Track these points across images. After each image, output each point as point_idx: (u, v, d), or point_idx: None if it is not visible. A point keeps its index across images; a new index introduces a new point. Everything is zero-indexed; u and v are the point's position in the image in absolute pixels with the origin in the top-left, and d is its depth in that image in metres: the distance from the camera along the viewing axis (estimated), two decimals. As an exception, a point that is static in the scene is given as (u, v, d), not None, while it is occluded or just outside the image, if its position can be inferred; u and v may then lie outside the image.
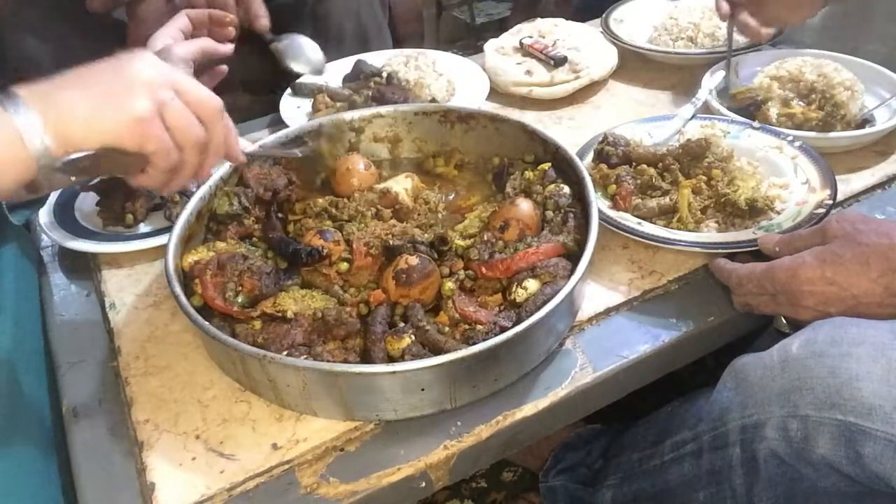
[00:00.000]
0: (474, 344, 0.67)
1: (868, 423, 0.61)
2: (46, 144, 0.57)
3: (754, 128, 1.01)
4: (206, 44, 0.98)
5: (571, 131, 1.13)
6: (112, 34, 1.24)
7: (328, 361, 0.69)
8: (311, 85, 1.21)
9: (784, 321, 0.76)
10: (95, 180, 0.97)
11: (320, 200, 0.90)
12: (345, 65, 1.27)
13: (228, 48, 1.01)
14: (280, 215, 0.89)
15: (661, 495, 0.84)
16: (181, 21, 1.00)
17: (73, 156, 0.58)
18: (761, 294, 0.76)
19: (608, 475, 0.95)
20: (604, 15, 1.37)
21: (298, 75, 1.19)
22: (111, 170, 0.66)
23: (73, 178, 0.61)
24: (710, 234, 0.87)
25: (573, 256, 0.77)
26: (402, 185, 0.92)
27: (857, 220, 0.73)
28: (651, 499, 0.86)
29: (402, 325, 0.74)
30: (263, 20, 1.09)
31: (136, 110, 0.60)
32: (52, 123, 0.57)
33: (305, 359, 0.69)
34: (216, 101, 0.67)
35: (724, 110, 1.06)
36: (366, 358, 0.71)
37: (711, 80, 1.13)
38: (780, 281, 0.73)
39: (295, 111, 1.18)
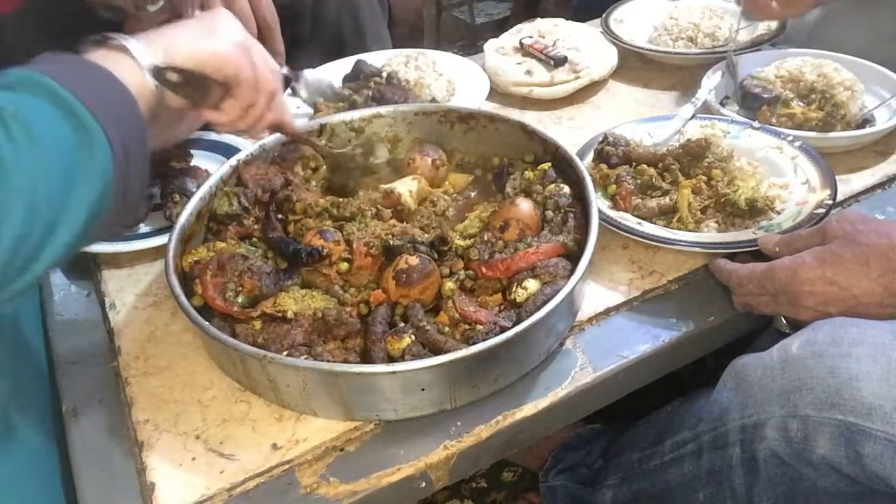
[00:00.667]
0: (474, 344, 0.67)
1: (868, 422, 0.61)
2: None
3: (754, 128, 1.01)
4: None
5: (571, 131, 1.13)
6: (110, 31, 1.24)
7: (328, 361, 0.69)
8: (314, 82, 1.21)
9: (784, 321, 0.76)
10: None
11: (321, 200, 0.90)
12: (345, 65, 1.27)
13: None
14: (280, 216, 0.89)
15: (661, 495, 0.84)
16: None
17: (165, 64, 0.68)
18: (761, 294, 0.76)
19: (608, 475, 0.95)
20: (604, 15, 1.37)
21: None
22: (195, 95, 0.73)
23: (171, 102, 0.71)
24: (710, 234, 0.87)
25: (573, 256, 0.77)
26: (407, 187, 0.91)
27: (856, 220, 0.73)
28: (651, 499, 0.86)
29: (402, 325, 0.74)
30: (280, 58, 1.09)
31: (235, 39, 0.72)
32: (161, 53, 0.67)
33: (305, 359, 0.69)
34: (276, 74, 0.79)
35: (724, 110, 1.06)
36: (366, 358, 0.71)
37: (711, 80, 1.13)
38: (780, 281, 0.73)
39: (294, 111, 1.18)
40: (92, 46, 0.66)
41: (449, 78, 1.22)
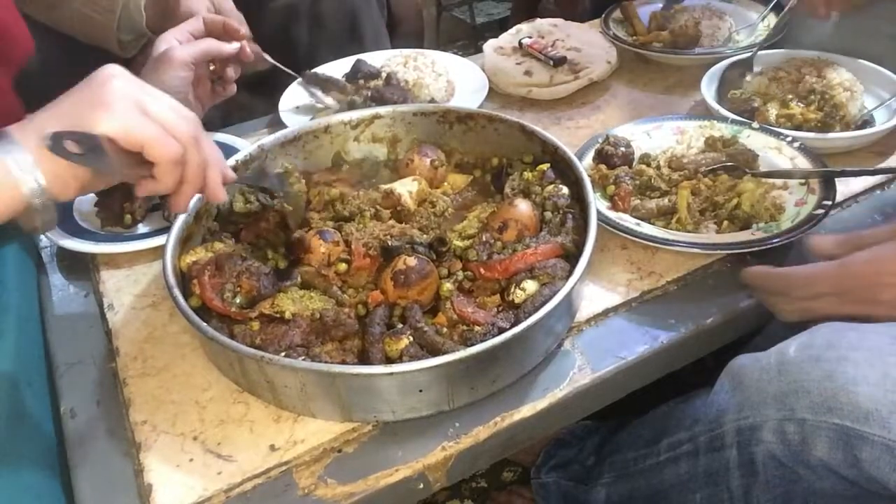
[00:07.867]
0: (472, 345, 0.67)
1: (865, 427, 0.61)
2: (37, 179, 0.60)
3: (753, 128, 1.01)
4: (209, 45, 0.98)
5: (571, 132, 1.12)
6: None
7: (326, 362, 0.69)
8: (323, 76, 1.22)
9: None
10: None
11: (333, 191, 0.90)
12: (344, 65, 1.27)
13: (233, 47, 1.01)
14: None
15: (657, 496, 0.84)
16: (194, 24, 1.00)
17: (75, 135, 0.59)
18: (828, 295, 0.71)
19: (602, 473, 0.94)
20: (604, 15, 1.37)
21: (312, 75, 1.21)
22: (121, 169, 0.64)
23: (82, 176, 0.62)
24: (709, 234, 0.87)
25: (572, 257, 0.77)
26: (407, 188, 0.91)
27: None
28: (646, 499, 0.86)
29: (400, 326, 0.73)
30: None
31: (126, 105, 0.61)
32: (32, 150, 0.59)
33: (303, 360, 0.69)
34: (191, 120, 0.66)
35: (723, 111, 1.06)
36: (364, 359, 0.71)
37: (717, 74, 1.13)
38: (861, 274, 0.69)
39: (294, 109, 1.18)
40: None
41: (448, 78, 1.22)
